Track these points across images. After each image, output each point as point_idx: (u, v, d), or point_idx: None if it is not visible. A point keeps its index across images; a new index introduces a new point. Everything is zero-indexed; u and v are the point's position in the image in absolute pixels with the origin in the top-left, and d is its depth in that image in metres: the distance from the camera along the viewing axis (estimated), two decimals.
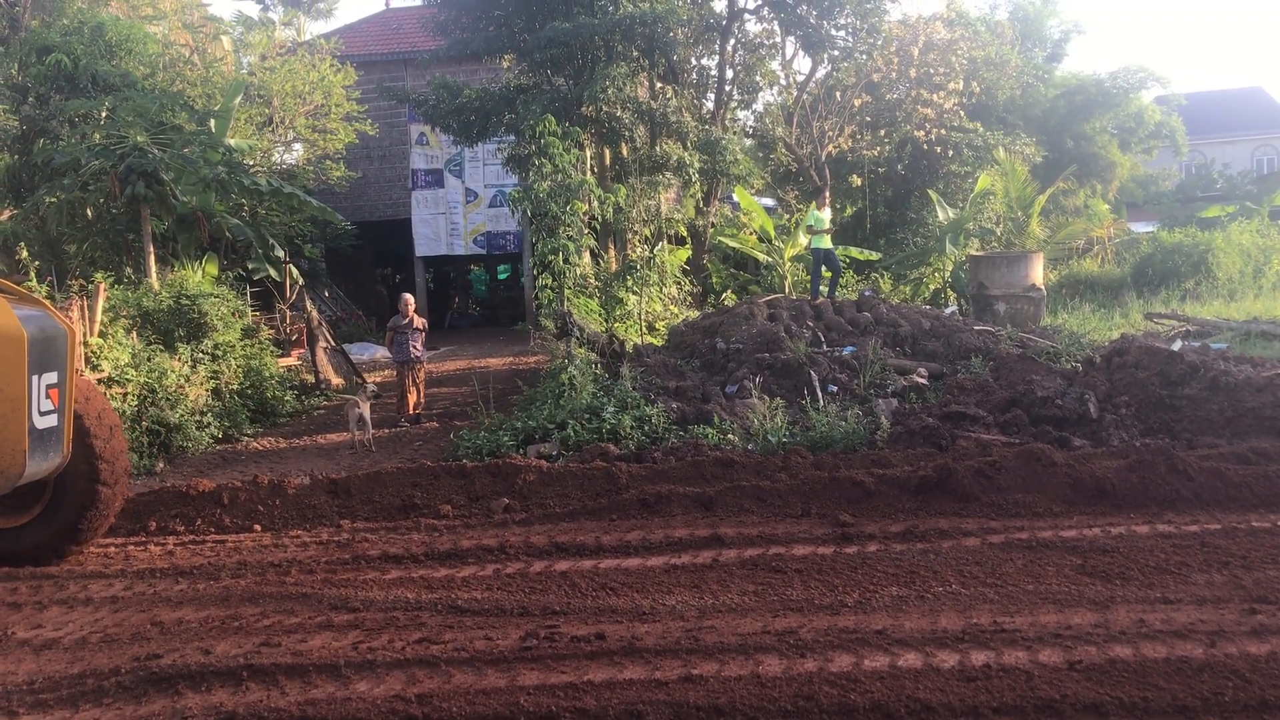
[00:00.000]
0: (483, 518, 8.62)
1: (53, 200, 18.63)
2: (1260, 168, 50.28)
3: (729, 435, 11.08)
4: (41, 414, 6.85)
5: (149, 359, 13.11)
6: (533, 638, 5.57)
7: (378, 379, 18.32)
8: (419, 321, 14.83)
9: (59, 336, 7.19)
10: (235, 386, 14.85)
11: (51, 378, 7.02)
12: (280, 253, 20.41)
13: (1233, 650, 4.96)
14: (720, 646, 5.28)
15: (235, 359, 15.01)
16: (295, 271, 20.88)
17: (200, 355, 14.28)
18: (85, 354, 11.84)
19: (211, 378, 14.27)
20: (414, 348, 14.66)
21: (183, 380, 13.34)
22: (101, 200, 18.64)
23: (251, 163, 22.22)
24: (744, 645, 5.30)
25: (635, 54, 20.99)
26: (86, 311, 12.49)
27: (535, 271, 17.91)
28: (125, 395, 12.23)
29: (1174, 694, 4.54)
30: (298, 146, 26.39)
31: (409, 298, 15.19)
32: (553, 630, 5.69)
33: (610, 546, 7.43)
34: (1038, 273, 19.64)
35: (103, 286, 13.33)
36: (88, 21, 19.96)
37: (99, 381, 11.69)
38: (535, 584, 6.68)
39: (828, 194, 20.57)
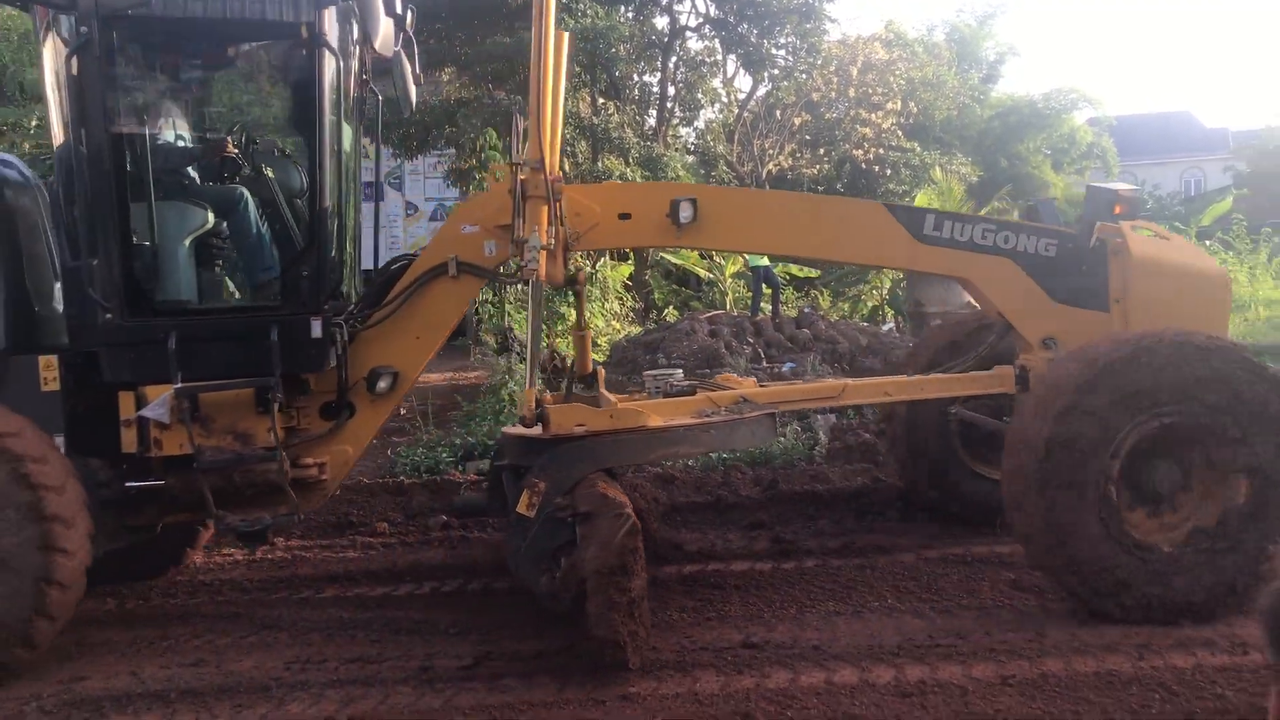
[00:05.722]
0: (420, 535, 8.52)
1: None
2: (1188, 189, 51.44)
3: None
4: None
5: None
6: (470, 657, 5.52)
7: None
8: None
9: None
10: None
11: None
12: None
13: (1159, 663, 5.05)
14: (658, 663, 5.27)
15: None
16: None
17: None
18: None
19: None
20: None
21: None
22: None
23: None
24: (681, 662, 5.29)
25: (577, 69, 20.99)
26: None
27: None
28: None
29: (1104, 708, 4.61)
30: None
31: None
32: (491, 650, 5.64)
33: None
34: None
35: None
36: (16, 28, 19.50)
37: None
38: (474, 603, 6.63)
39: None
